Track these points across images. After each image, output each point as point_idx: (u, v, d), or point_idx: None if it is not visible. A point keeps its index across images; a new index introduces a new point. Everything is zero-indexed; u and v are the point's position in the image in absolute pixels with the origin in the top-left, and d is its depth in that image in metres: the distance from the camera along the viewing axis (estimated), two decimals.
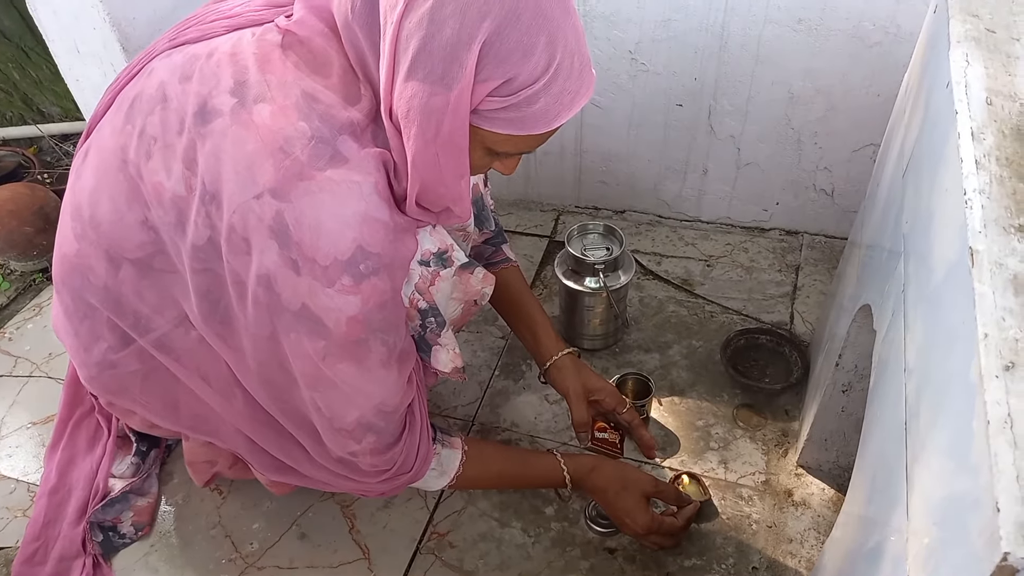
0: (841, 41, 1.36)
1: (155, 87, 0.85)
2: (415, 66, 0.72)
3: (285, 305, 0.80)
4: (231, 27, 0.86)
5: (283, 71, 0.79)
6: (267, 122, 0.77)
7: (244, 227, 0.77)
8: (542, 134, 0.79)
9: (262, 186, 0.76)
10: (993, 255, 0.52)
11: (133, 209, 0.86)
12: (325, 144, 0.77)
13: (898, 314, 0.73)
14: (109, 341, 0.97)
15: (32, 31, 1.93)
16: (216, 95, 0.80)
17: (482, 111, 0.76)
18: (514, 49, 0.72)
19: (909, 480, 0.57)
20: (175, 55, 0.87)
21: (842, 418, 1.11)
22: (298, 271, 0.78)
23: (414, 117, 0.75)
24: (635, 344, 1.48)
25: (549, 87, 0.75)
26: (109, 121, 0.89)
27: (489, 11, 0.70)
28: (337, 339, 0.82)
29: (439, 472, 1.06)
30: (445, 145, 0.76)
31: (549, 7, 0.73)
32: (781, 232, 1.70)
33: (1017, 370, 0.44)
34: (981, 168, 0.59)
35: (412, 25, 0.72)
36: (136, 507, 1.22)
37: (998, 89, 0.68)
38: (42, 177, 1.98)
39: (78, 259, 0.92)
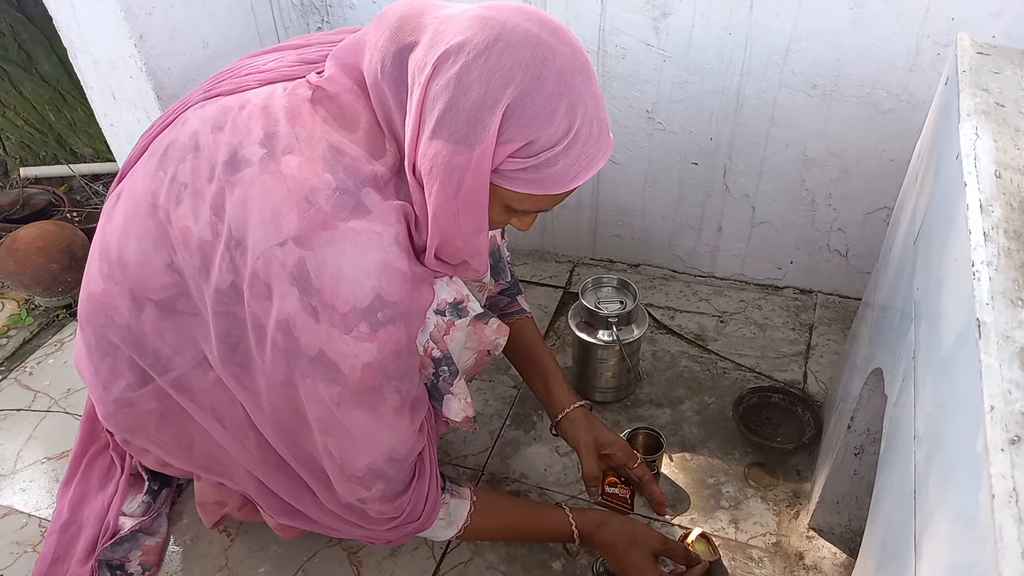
0: (855, 106, 1.39)
1: (188, 136, 0.88)
2: (440, 126, 0.76)
3: (303, 350, 0.82)
4: (264, 81, 0.90)
5: (312, 124, 0.83)
6: (294, 172, 0.80)
7: (267, 273, 0.80)
8: (559, 194, 0.82)
9: (286, 234, 0.78)
10: (1000, 327, 0.52)
11: (160, 252, 0.89)
12: (349, 195, 0.80)
13: (908, 380, 0.73)
14: (128, 379, 0.99)
15: (69, 75, 2.00)
16: (247, 145, 0.83)
17: (503, 171, 0.79)
18: (536, 114, 0.75)
19: (918, 549, 0.56)
20: (208, 106, 0.90)
21: (854, 481, 1.11)
22: (317, 318, 0.80)
23: (437, 173, 0.78)
24: (647, 398, 1.48)
25: (568, 150, 0.78)
26: (142, 167, 0.92)
27: (513, 78, 0.74)
28: (352, 385, 0.84)
29: (447, 522, 1.06)
30: (465, 201, 0.79)
31: (571, 75, 0.77)
32: (795, 290, 1.71)
33: (1023, 444, 0.45)
34: (989, 240, 0.60)
35: (439, 87, 0.75)
36: (145, 547, 1.22)
37: (1007, 162, 0.69)
38: (71, 215, 2.03)
39: (103, 298, 0.95)
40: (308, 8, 1.63)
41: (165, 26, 1.33)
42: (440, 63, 0.75)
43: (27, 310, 1.78)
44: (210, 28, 1.41)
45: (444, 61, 0.75)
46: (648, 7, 1.40)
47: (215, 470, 1.05)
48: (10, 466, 1.40)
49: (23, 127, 2.15)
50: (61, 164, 2.19)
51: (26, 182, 2.17)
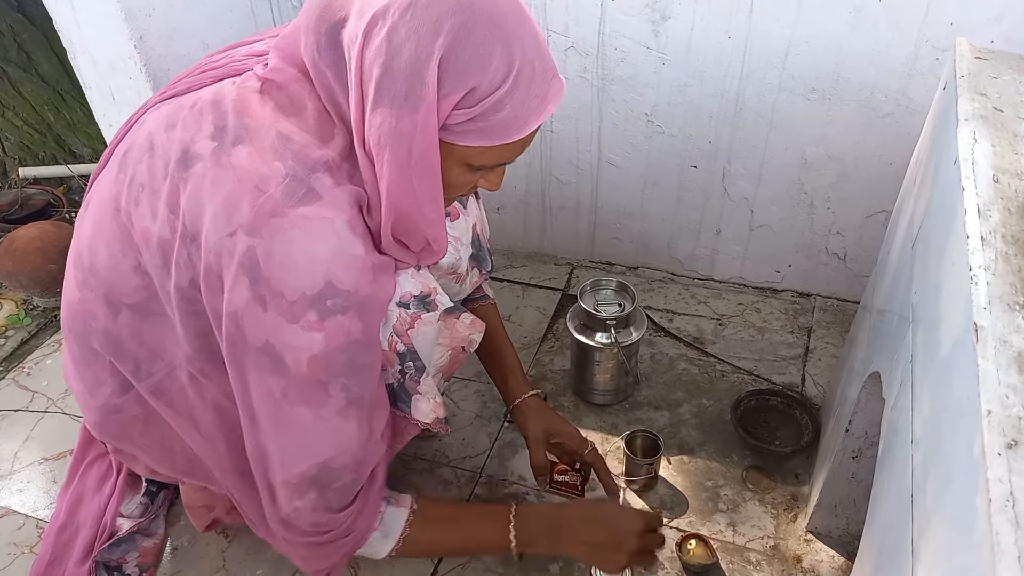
0: (854, 110, 1.39)
1: (144, 137, 0.89)
2: (380, 93, 0.75)
3: (250, 342, 0.80)
4: (216, 78, 0.90)
5: (261, 115, 0.83)
6: (244, 163, 0.80)
7: (218, 265, 0.79)
8: (516, 142, 0.81)
9: (236, 224, 0.78)
10: (998, 332, 0.53)
11: (127, 255, 0.89)
12: (299, 182, 0.79)
13: (906, 384, 0.73)
14: (112, 386, 0.99)
15: (69, 75, 2.00)
16: (198, 140, 0.83)
17: (451, 126, 0.78)
18: (471, 60, 0.74)
19: (915, 553, 0.57)
20: (164, 107, 0.91)
21: (852, 485, 1.11)
22: (265, 307, 0.78)
23: (385, 142, 0.77)
24: (645, 401, 1.48)
25: (512, 93, 0.77)
26: (106, 173, 0.93)
27: (441, 28, 0.73)
28: (295, 378, 0.81)
29: (382, 533, 0.98)
30: (418, 166, 0.78)
31: (502, 17, 0.76)
32: (794, 294, 1.71)
33: (1019, 448, 0.45)
34: (987, 245, 0.60)
35: (372, 55, 0.75)
36: (142, 548, 1.22)
37: (1005, 167, 0.69)
38: (69, 216, 2.03)
39: (80, 306, 0.95)
40: None
41: (165, 27, 1.33)
42: (369, 30, 0.74)
43: (25, 310, 1.78)
44: (210, 29, 1.42)
45: (372, 27, 0.74)
46: (648, 11, 1.40)
47: (197, 475, 1.05)
48: (8, 467, 1.40)
49: (22, 127, 2.15)
50: (60, 165, 2.19)
51: (25, 182, 2.17)
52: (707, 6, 1.36)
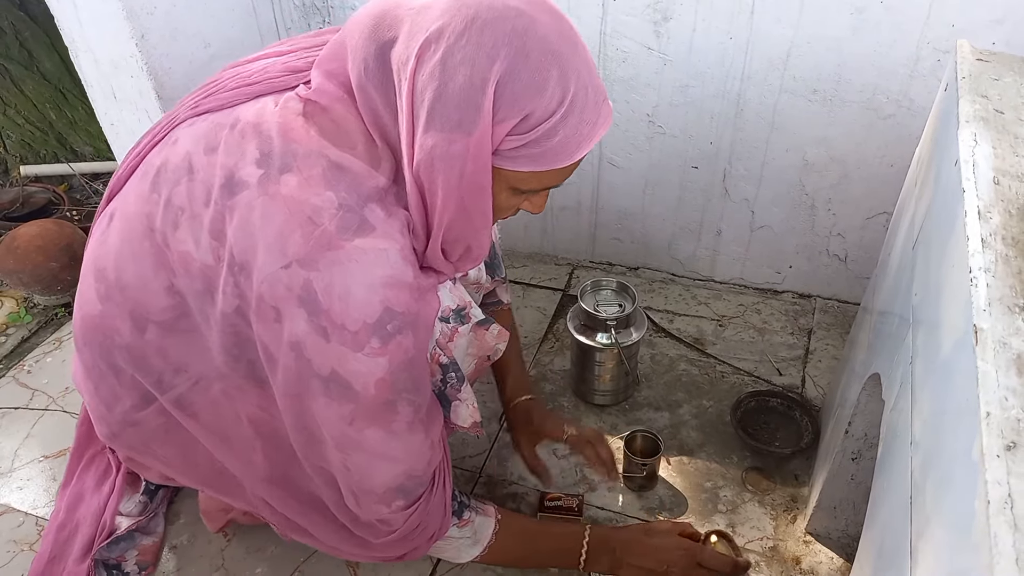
0: (855, 112, 1.39)
1: (181, 157, 0.86)
2: (432, 117, 0.75)
3: (315, 371, 0.81)
4: (252, 95, 0.88)
5: (307, 140, 0.81)
6: (294, 193, 0.78)
7: (273, 296, 0.79)
8: (565, 167, 0.81)
9: (291, 256, 0.77)
10: (997, 334, 0.52)
11: (159, 275, 0.87)
12: (352, 213, 0.78)
13: (906, 385, 0.73)
14: (132, 400, 0.97)
15: (71, 74, 2.00)
16: (242, 166, 0.81)
17: (503, 151, 0.77)
18: (527, 86, 0.74)
19: (914, 555, 0.57)
20: (199, 124, 0.88)
21: (851, 486, 1.11)
22: (327, 338, 0.79)
23: (438, 166, 0.77)
24: (645, 402, 1.48)
25: (566, 120, 0.76)
26: (134, 187, 0.91)
27: (498, 53, 0.73)
28: (365, 402, 0.83)
29: (472, 540, 1.05)
30: (470, 189, 0.78)
31: (557, 43, 0.75)
32: (794, 295, 1.71)
33: (1018, 450, 0.45)
34: (987, 247, 0.60)
35: (425, 78, 0.74)
36: (141, 546, 1.22)
37: (1005, 169, 0.69)
38: (70, 214, 2.03)
39: (102, 320, 0.93)
40: (310, 8, 1.63)
41: (167, 26, 1.33)
42: (422, 53, 0.74)
43: (26, 308, 1.78)
44: (211, 28, 1.42)
45: (426, 50, 0.74)
46: (649, 11, 1.40)
47: (221, 487, 1.05)
48: (8, 464, 1.40)
49: (24, 125, 2.15)
50: (61, 163, 2.19)
51: (26, 180, 2.18)
52: (709, 7, 1.36)
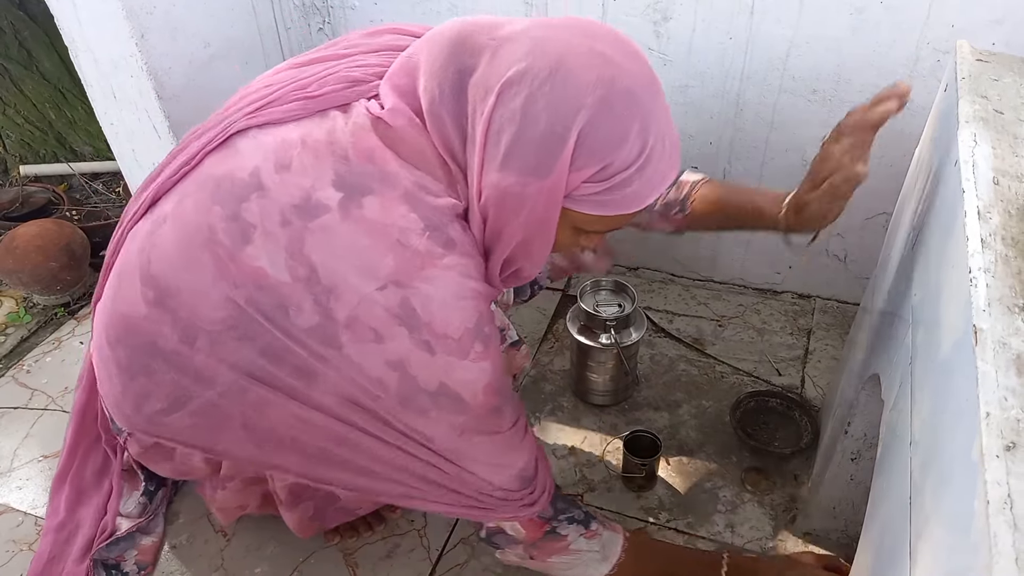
0: None
1: (248, 172, 0.84)
2: (508, 158, 0.75)
3: (422, 386, 0.82)
4: (316, 109, 0.87)
5: (384, 161, 0.81)
6: (378, 216, 0.78)
7: (370, 317, 0.79)
8: (631, 213, 0.81)
9: (385, 278, 0.78)
10: (997, 334, 0.53)
11: (218, 286, 0.85)
12: (438, 232, 0.79)
13: (905, 385, 0.73)
14: (162, 403, 0.95)
15: (70, 73, 2.00)
16: (319, 188, 0.80)
17: (575, 195, 0.78)
18: (608, 138, 0.74)
19: (913, 555, 0.57)
20: (263, 137, 0.86)
21: (851, 487, 1.11)
22: (432, 351, 0.80)
23: (508, 204, 0.78)
24: (644, 402, 1.48)
25: (643, 170, 0.77)
26: (192, 196, 0.88)
27: (582, 104, 0.73)
28: (475, 412, 0.85)
29: (601, 556, 1.03)
30: (536, 228, 0.80)
31: (640, 93, 0.75)
32: (794, 295, 1.71)
33: (1018, 451, 0.45)
34: (987, 247, 0.60)
35: (504, 119, 0.75)
36: (141, 546, 1.22)
37: (1005, 169, 0.69)
38: (70, 214, 2.03)
39: (147, 323, 0.91)
40: (309, 8, 1.63)
41: (166, 25, 1.33)
42: (503, 92, 0.74)
43: (25, 308, 1.78)
44: (211, 28, 1.42)
45: (507, 90, 0.74)
46: (649, 11, 1.40)
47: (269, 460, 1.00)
48: (7, 464, 1.40)
49: (23, 125, 2.15)
50: (61, 162, 2.19)
51: (26, 180, 2.17)
52: (708, 7, 1.36)
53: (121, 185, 2.06)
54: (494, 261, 0.84)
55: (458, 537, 1.24)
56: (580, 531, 1.01)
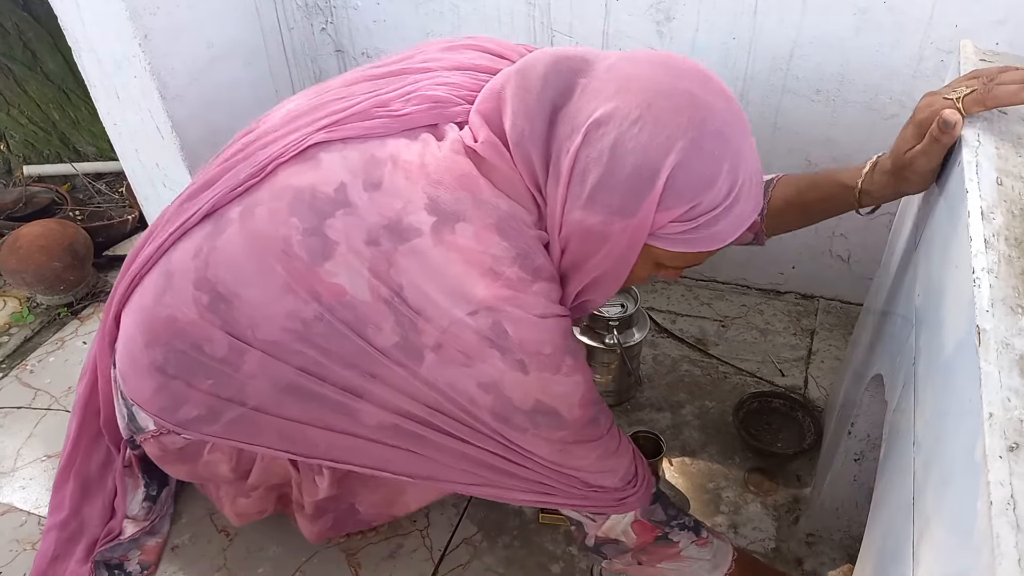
0: (858, 112, 1.39)
1: (333, 187, 0.83)
2: (594, 198, 0.76)
3: (517, 406, 0.83)
4: (401, 127, 0.86)
5: (476, 189, 0.81)
6: (471, 244, 0.79)
7: (461, 342, 0.80)
8: (713, 250, 0.82)
9: (477, 304, 0.78)
10: (1000, 335, 0.52)
11: (285, 299, 0.84)
12: (527, 260, 0.80)
13: (908, 386, 0.73)
14: (198, 411, 0.94)
15: (74, 74, 2.00)
16: (411, 211, 0.80)
17: (660, 233, 0.79)
18: (698, 179, 0.75)
19: (916, 556, 0.56)
20: (349, 152, 0.85)
21: (854, 487, 1.10)
22: (526, 370, 0.81)
23: (590, 241, 0.80)
24: (647, 402, 1.48)
25: (730, 209, 0.77)
26: (266, 205, 0.86)
27: (673, 146, 0.73)
28: (574, 425, 0.86)
29: (712, 564, 1.03)
30: (613, 263, 0.81)
31: (730, 133, 0.76)
32: (797, 296, 1.71)
33: (1021, 451, 0.45)
34: (990, 247, 0.60)
35: (590, 159, 0.75)
36: (145, 547, 1.22)
37: (1008, 169, 0.69)
38: (73, 214, 2.03)
39: (194, 328, 0.89)
40: (312, 9, 1.63)
41: (170, 26, 1.33)
42: (590, 132, 0.75)
43: (28, 308, 1.78)
44: (214, 28, 1.42)
45: (594, 130, 0.75)
46: (652, 11, 1.40)
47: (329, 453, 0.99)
48: (10, 464, 1.40)
49: (27, 125, 2.16)
50: (64, 163, 2.19)
51: (29, 180, 2.18)
52: (711, 7, 1.36)
53: (124, 185, 2.06)
54: (567, 293, 0.85)
55: (460, 537, 1.24)
56: (691, 538, 1.01)
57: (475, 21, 1.54)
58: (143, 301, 0.95)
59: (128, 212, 2.00)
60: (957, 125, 0.73)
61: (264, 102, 1.58)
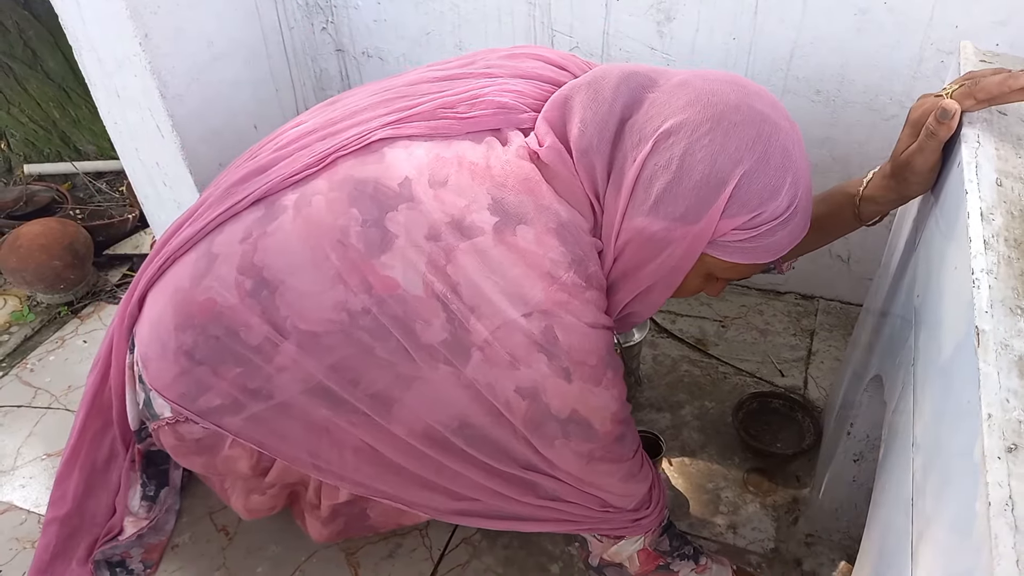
0: (858, 113, 1.39)
1: (397, 181, 0.83)
2: (658, 205, 0.78)
3: (554, 414, 0.84)
4: (467, 130, 0.88)
5: (539, 194, 0.83)
6: (531, 247, 0.80)
7: (509, 342, 0.81)
8: (764, 263, 0.84)
9: (532, 307, 0.80)
10: (999, 336, 0.52)
11: (335, 289, 0.84)
12: (583, 266, 0.82)
13: (907, 387, 0.73)
14: (221, 399, 0.93)
15: (74, 72, 2.00)
16: (475, 210, 0.81)
17: (720, 240, 0.81)
18: (763, 189, 0.77)
19: (914, 556, 0.56)
20: (414, 149, 0.86)
21: (853, 488, 1.10)
22: (569, 378, 0.82)
23: (648, 247, 0.81)
24: (647, 402, 1.48)
25: (789, 221, 0.80)
26: (325, 195, 0.86)
27: (742, 157, 0.76)
28: (603, 440, 0.87)
29: None
30: (666, 273, 0.83)
31: (793, 148, 0.79)
32: (797, 296, 1.71)
33: (1019, 452, 0.45)
34: (989, 248, 0.60)
35: (658, 167, 0.77)
36: (148, 544, 1.21)
37: (1008, 171, 0.69)
38: (74, 213, 2.04)
39: (232, 312, 0.88)
40: (313, 8, 1.63)
41: (170, 26, 1.33)
42: (659, 142, 0.77)
43: (29, 307, 1.78)
44: (215, 27, 1.42)
45: (663, 140, 0.77)
46: (652, 11, 1.40)
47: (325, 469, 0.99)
48: (10, 462, 1.41)
49: (28, 124, 2.16)
50: (65, 161, 2.19)
51: (29, 179, 2.18)
52: (712, 7, 1.36)
53: (124, 184, 2.06)
54: (614, 303, 0.87)
55: (460, 537, 1.25)
56: (691, 566, 1.04)
57: (475, 21, 1.54)
58: (179, 283, 0.93)
59: (128, 211, 2.00)
60: (956, 115, 0.74)
61: (264, 101, 1.58)
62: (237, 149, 1.52)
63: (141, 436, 1.12)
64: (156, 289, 0.97)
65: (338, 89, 1.76)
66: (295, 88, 1.67)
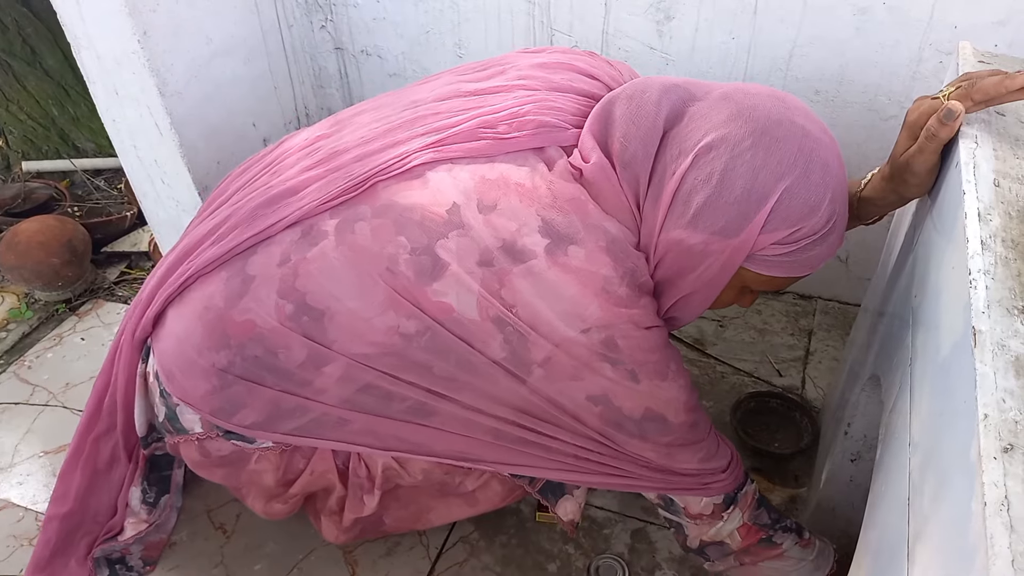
0: (857, 113, 1.39)
1: (444, 207, 0.83)
2: (698, 218, 0.79)
3: (627, 415, 0.86)
4: (508, 149, 0.87)
5: (586, 212, 0.84)
6: (584, 265, 0.81)
7: (572, 357, 0.82)
8: (798, 277, 0.85)
9: (590, 323, 0.81)
10: (996, 336, 0.52)
11: (387, 315, 0.84)
12: (633, 277, 0.83)
13: (905, 387, 0.73)
14: (255, 417, 0.93)
15: (73, 70, 2.00)
16: (526, 233, 0.82)
17: (758, 255, 0.81)
18: (803, 205, 0.78)
19: (911, 556, 0.57)
20: (458, 172, 0.86)
21: (850, 488, 1.11)
22: (636, 379, 0.84)
23: (687, 259, 0.82)
24: None
25: (827, 237, 0.81)
26: (369, 222, 0.85)
27: (784, 173, 0.77)
28: (679, 431, 0.89)
29: (815, 566, 1.05)
30: (705, 283, 0.84)
31: (833, 163, 0.80)
32: (795, 296, 1.71)
33: (1016, 452, 0.45)
34: (987, 249, 0.60)
35: (698, 181, 0.78)
36: (149, 542, 1.21)
37: (1006, 171, 0.69)
38: (72, 210, 2.03)
39: (272, 335, 0.87)
40: (312, 6, 1.63)
41: (169, 23, 1.33)
42: (700, 155, 0.78)
43: (27, 304, 1.78)
44: (214, 25, 1.42)
45: (704, 154, 0.78)
46: (652, 10, 1.40)
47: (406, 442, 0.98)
48: (8, 460, 1.41)
49: (26, 121, 2.16)
50: (63, 159, 2.19)
51: (28, 176, 2.18)
52: (711, 7, 1.36)
53: (123, 182, 2.06)
54: (660, 305, 0.88)
55: (457, 536, 1.25)
56: (795, 540, 1.03)
57: (475, 19, 1.54)
58: (210, 301, 0.91)
59: (127, 209, 2.00)
60: (959, 116, 0.74)
61: (263, 99, 1.58)
62: (236, 147, 1.53)
63: (147, 442, 1.12)
64: (180, 305, 0.95)
65: (337, 87, 1.76)
66: (294, 86, 1.67)
